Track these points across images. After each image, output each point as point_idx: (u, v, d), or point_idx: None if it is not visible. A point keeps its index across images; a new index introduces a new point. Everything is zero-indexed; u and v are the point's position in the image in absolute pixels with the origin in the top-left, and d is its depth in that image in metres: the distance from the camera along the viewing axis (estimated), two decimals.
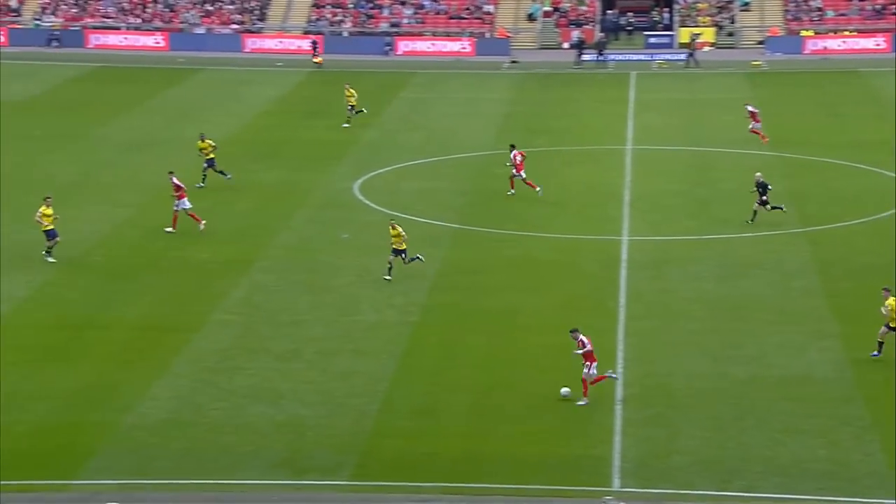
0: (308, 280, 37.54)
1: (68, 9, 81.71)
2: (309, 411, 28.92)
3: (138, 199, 46.02)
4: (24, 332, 33.35)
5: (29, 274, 37.48)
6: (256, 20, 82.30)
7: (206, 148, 46.93)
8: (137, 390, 29.90)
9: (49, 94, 65.81)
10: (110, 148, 54.12)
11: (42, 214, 38.17)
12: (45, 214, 38.17)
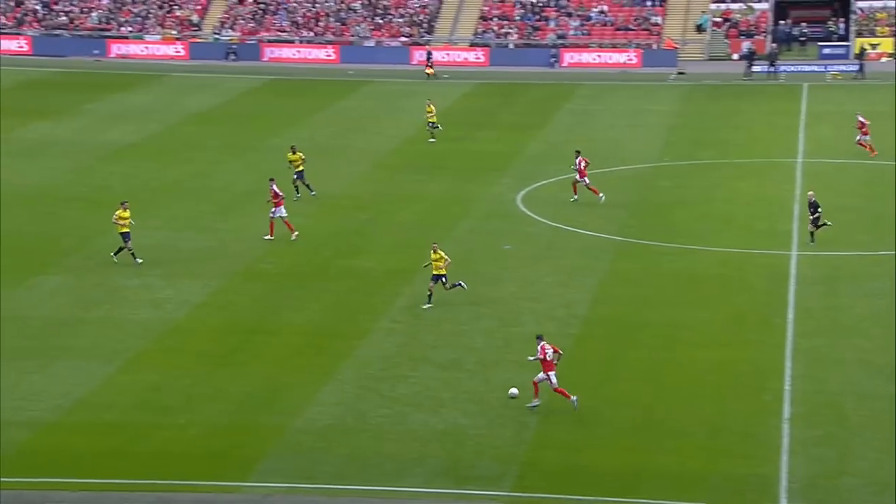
0: (470, 290, 37.52)
1: (245, 23, 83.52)
2: (470, 421, 28.88)
3: (308, 207, 46.68)
4: (198, 336, 34.09)
5: (204, 280, 38.31)
6: (425, 33, 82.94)
7: (297, 160, 47.10)
8: (304, 395, 30.28)
9: (225, 105, 67.32)
10: (282, 158, 55.07)
11: (119, 217, 39.04)
12: (122, 217, 39.03)
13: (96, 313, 35.58)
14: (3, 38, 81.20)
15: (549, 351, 29.23)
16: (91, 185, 49.27)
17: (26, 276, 38.17)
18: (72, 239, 42.22)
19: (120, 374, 31.54)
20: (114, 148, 55.92)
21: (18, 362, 31.85)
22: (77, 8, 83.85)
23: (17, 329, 34.15)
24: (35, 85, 71.32)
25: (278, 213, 41.87)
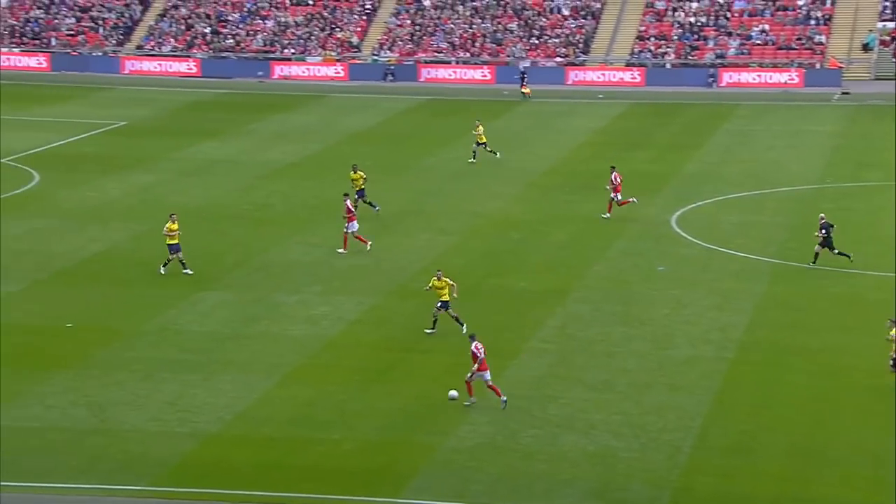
0: (623, 311, 37.22)
1: (403, 44, 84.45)
2: (621, 443, 28.59)
3: (462, 227, 46.89)
4: (352, 353, 34.48)
5: (359, 297, 38.73)
6: (580, 53, 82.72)
7: (358, 179, 47.34)
8: (456, 414, 30.35)
9: (382, 125, 68.11)
10: (437, 177, 55.45)
11: (168, 229, 40.09)
12: (171, 229, 40.08)
13: (256, 329, 36.27)
14: (174, 61, 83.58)
15: (482, 350, 30.41)
16: (253, 203, 50.30)
17: (191, 292, 39.11)
18: (234, 256, 43.14)
19: (277, 388, 32.06)
20: (275, 167, 57.02)
21: (182, 375, 32.63)
22: (243, 31, 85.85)
23: (182, 343, 35.00)
24: (202, 106, 73.19)
25: (351, 227, 42.71)
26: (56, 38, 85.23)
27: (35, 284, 39.75)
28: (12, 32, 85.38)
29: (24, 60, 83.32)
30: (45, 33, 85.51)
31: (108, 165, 56.30)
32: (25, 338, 35.22)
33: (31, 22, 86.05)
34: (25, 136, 62.24)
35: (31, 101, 72.37)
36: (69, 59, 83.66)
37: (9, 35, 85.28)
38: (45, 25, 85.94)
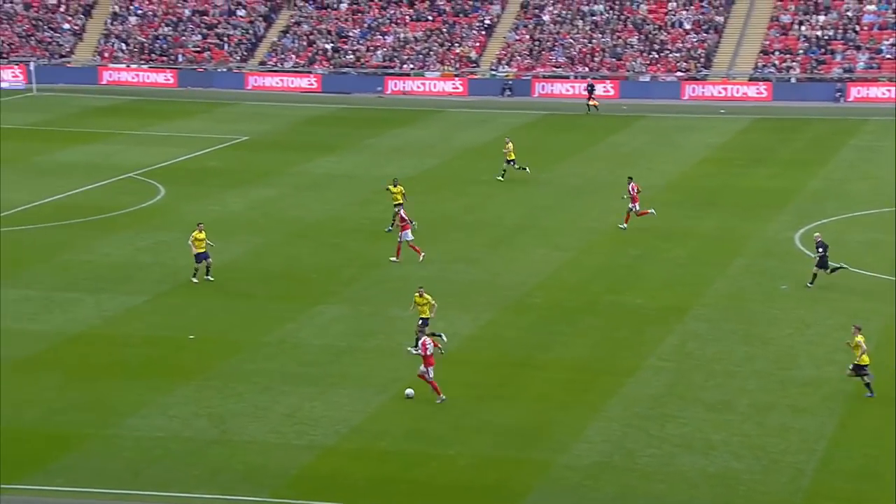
0: (743, 330, 36.60)
1: (522, 59, 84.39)
2: (742, 465, 28.07)
3: (578, 242, 46.61)
4: (467, 368, 34.42)
5: (474, 312, 38.68)
6: (701, 67, 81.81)
7: (397, 194, 47.44)
8: (571, 431, 30.11)
9: (499, 140, 68.00)
10: (553, 192, 55.20)
11: (194, 239, 40.74)
12: (198, 239, 40.72)
13: (372, 343, 36.43)
14: (295, 76, 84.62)
15: (431, 346, 31.48)
16: (371, 217, 50.61)
17: (309, 305, 39.44)
18: (352, 270, 43.42)
19: (393, 402, 32.14)
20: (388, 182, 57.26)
21: (300, 388, 32.90)
22: (363, 47, 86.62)
23: (300, 356, 35.30)
24: (321, 121, 73.95)
25: (405, 237, 43.35)
26: (183, 54, 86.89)
27: (159, 296, 40.44)
28: (142, 49, 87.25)
29: (152, 77, 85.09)
30: (172, 50, 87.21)
31: (230, 179, 57.13)
32: (149, 349, 35.84)
33: (159, 39, 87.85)
34: (152, 150, 63.47)
35: (158, 116, 73.85)
36: (195, 75, 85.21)
37: (138, 52, 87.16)
38: (173, 42, 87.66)
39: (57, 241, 46.16)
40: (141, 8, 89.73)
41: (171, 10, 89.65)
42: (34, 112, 74.22)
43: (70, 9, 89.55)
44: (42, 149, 63.05)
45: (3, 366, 34.05)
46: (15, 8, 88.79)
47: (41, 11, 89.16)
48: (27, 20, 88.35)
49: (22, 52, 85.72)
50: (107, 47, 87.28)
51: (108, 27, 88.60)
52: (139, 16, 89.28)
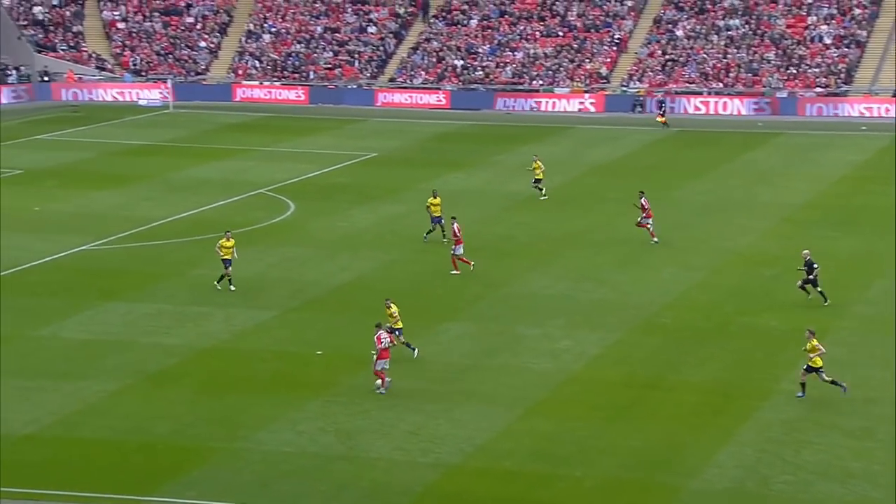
0: (884, 355, 35.55)
1: (654, 75, 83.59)
2: (881, 494, 27.24)
3: (710, 262, 45.85)
4: (594, 388, 34.03)
5: (602, 332, 38.26)
6: (841, 83, 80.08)
7: (437, 206, 47.85)
8: (702, 455, 29.53)
9: (629, 157, 67.47)
10: (684, 210, 54.46)
11: (221, 246, 41.83)
12: (224, 246, 41.80)
13: (497, 361, 36.24)
14: (424, 93, 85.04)
15: (386, 340, 32.84)
16: (496, 234, 50.47)
17: (434, 322, 39.43)
18: (477, 287, 43.30)
19: (519, 421, 31.90)
20: (519, 199, 57.12)
21: (426, 405, 32.86)
22: (493, 63, 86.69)
23: (425, 373, 35.28)
24: (450, 137, 74.15)
25: (457, 250, 43.91)
26: (314, 71, 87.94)
27: (288, 312, 40.81)
28: (274, 66, 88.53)
29: (284, 94, 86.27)
30: (304, 67, 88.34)
31: (359, 196, 57.54)
32: (277, 364, 36.16)
33: (291, 56, 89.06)
34: (283, 166, 64.29)
35: (289, 132, 74.81)
36: (326, 92, 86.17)
37: (271, 69, 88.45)
38: (305, 59, 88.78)
39: (190, 256, 46.94)
40: (275, 26, 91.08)
41: (303, 28, 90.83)
42: (171, 129, 75.80)
43: (207, 27, 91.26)
44: (177, 164, 64.29)
45: (137, 379, 34.64)
46: (154, 27, 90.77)
47: (179, 30, 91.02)
48: (166, 38, 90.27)
49: (160, 70, 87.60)
50: (241, 65, 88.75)
51: (242, 45, 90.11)
52: (273, 33, 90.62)
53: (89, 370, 35.15)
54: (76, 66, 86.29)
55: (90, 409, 32.47)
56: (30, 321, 39.05)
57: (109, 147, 69.71)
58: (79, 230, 48.83)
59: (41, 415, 31.90)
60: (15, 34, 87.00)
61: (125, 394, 33.60)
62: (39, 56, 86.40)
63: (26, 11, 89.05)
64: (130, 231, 50.24)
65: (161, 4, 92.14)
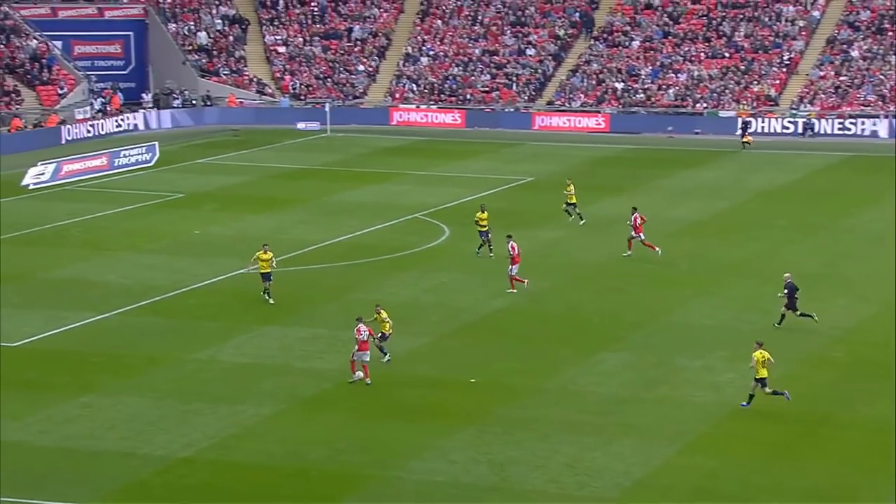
0: None
1: (826, 98, 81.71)
2: None
3: (884, 293, 44.45)
4: (758, 423, 33.20)
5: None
6: None
7: (484, 220, 49.30)
8: (877, 498, 28.56)
9: (797, 182, 66.04)
10: (857, 239, 53.02)
11: (258, 258, 43.39)
12: (262, 259, 43.35)
13: (657, 393, 35.66)
14: (583, 116, 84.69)
15: (365, 333, 35.01)
16: (657, 261, 49.80)
17: (591, 351, 39.02)
18: (635, 315, 42.75)
19: (679, 456, 31.30)
20: (680, 225, 56.33)
21: (581, 437, 32.47)
22: (654, 85, 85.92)
23: (580, 404, 34.87)
24: (608, 161, 73.62)
25: (513, 270, 44.66)
26: (471, 94, 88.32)
27: (441, 338, 40.85)
28: (431, 90, 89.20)
29: (441, 117, 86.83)
30: (461, 90, 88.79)
31: (514, 220, 57.39)
32: (430, 391, 36.18)
33: (449, 79, 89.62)
34: (438, 190, 64.60)
35: (446, 156, 75.19)
36: (482, 115, 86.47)
37: (428, 92, 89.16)
38: (462, 83, 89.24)
39: (346, 281, 47.40)
40: (433, 49, 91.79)
41: (461, 51, 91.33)
42: (328, 152, 76.88)
43: (365, 51, 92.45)
44: (333, 188, 65.14)
45: (292, 403, 35.02)
46: (314, 51, 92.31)
47: (338, 54, 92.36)
48: (325, 62, 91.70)
49: (318, 94, 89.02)
50: (398, 88, 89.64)
51: (400, 68, 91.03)
52: (431, 56, 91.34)
53: (245, 394, 35.67)
54: (237, 90, 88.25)
55: (246, 433, 32.92)
56: (188, 344, 39.85)
57: (267, 171, 71.02)
58: (236, 254, 49.73)
59: (198, 438, 32.45)
60: (180, 59, 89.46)
61: (280, 418, 33.98)
62: (203, 80, 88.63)
63: (191, 37, 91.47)
64: (286, 255, 50.98)
65: (321, 29, 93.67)
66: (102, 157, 68.86)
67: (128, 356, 38.81)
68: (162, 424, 33.24)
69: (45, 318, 42.29)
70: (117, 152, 69.92)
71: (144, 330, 41.46)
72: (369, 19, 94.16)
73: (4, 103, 78.55)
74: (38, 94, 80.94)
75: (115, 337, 40.82)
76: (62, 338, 40.53)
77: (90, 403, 34.67)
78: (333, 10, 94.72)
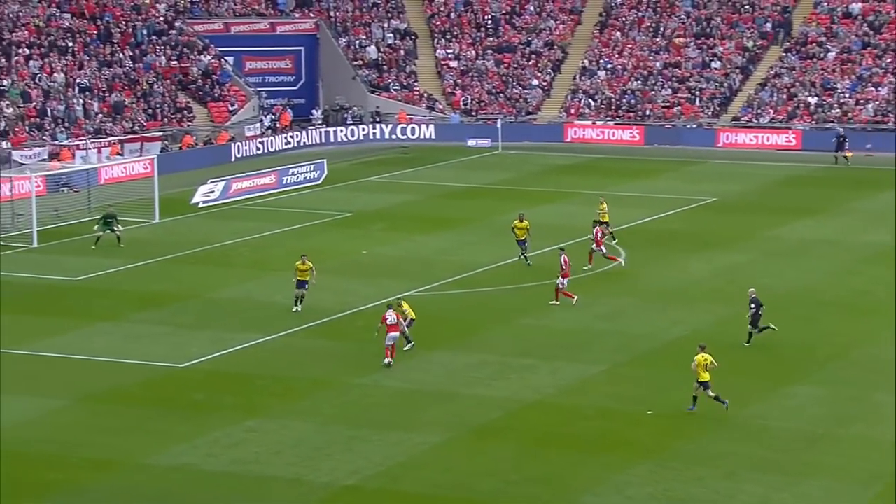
0: None
1: None
2: None
3: None
4: None
5: None
6: None
7: (521, 230, 51.20)
8: None
9: None
10: None
11: (297, 268, 45.56)
12: (299, 269, 45.49)
13: (851, 430, 34.72)
14: (771, 133, 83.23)
15: (392, 317, 39.11)
16: (853, 289, 48.58)
17: (779, 385, 38.22)
18: (828, 347, 41.74)
19: (875, 501, 30.46)
20: (879, 249, 54.87)
21: (767, 476, 31.78)
22: (852, 100, 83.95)
23: (767, 440, 34.15)
24: (800, 181, 72.22)
25: (563, 283, 45.98)
26: (651, 110, 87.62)
27: (616, 367, 40.51)
28: (609, 105, 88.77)
29: (618, 134, 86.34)
30: (640, 105, 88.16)
31: (694, 243, 56.72)
32: (604, 423, 35.86)
33: (627, 94, 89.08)
34: (614, 211, 64.02)
35: (622, 175, 74.70)
36: (662, 131, 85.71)
37: (605, 108, 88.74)
38: (641, 97, 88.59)
39: (516, 304, 47.38)
40: (611, 62, 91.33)
41: (641, 64, 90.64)
42: (498, 170, 77.13)
43: (540, 64, 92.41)
44: (504, 208, 65.17)
45: (459, 432, 35.08)
46: (486, 65, 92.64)
47: (511, 68, 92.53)
48: (497, 77, 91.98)
49: (490, 110, 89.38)
50: (573, 103, 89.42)
51: (576, 82, 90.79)
52: (608, 70, 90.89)
53: (411, 421, 35.89)
54: (407, 106, 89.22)
55: (412, 462, 33.10)
56: (354, 367, 40.28)
57: (436, 189, 71.59)
58: (404, 275, 50.19)
59: (363, 465, 32.74)
60: (350, 74, 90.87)
61: (447, 447, 34.08)
62: (372, 96, 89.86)
63: (361, 51, 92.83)
64: (455, 277, 51.24)
65: (494, 42, 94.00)
66: (271, 175, 70.31)
67: (293, 379, 39.44)
68: (328, 450, 33.65)
69: (212, 338, 43.27)
70: (286, 170, 71.30)
71: (310, 352, 42.09)
72: (545, 31, 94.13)
73: (176, 120, 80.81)
74: (209, 111, 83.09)
75: (281, 359, 41.54)
76: (228, 359, 41.41)
77: (256, 427, 35.31)
78: (507, 21, 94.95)
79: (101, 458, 33.09)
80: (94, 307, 47.28)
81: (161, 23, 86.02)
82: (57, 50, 79.77)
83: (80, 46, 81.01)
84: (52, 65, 78.33)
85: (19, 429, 35.14)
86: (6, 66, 76.55)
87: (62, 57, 79.39)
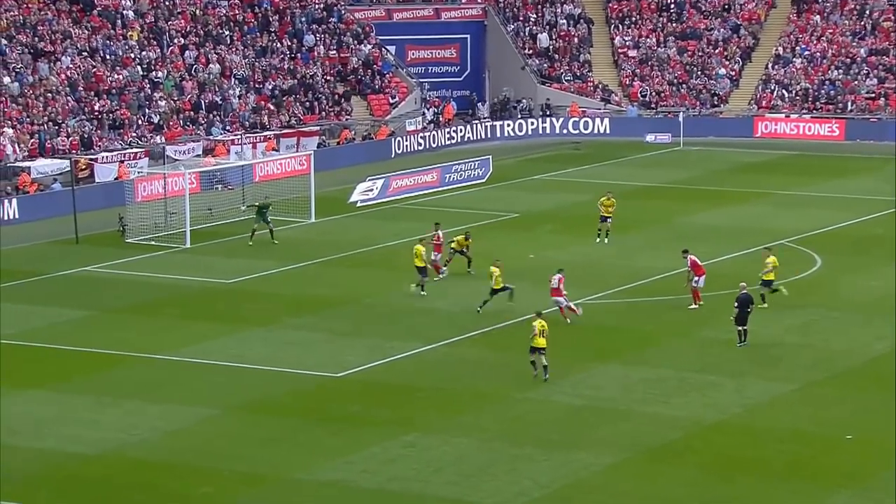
0: None
1: None
2: None
3: None
4: None
5: None
6: None
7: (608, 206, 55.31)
8: None
9: None
10: None
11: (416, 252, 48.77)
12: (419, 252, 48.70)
13: None
14: None
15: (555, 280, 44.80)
16: None
17: None
18: None
19: None
20: None
21: None
22: None
23: None
24: None
25: (700, 282, 46.87)
26: (853, 101, 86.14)
27: (809, 385, 40.09)
28: (805, 96, 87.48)
29: (815, 128, 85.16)
30: (840, 97, 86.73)
31: (891, 249, 55.70)
32: (797, 447, 35.52)
33: (826, 84, 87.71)
34: (809, 213, 63.38)
35: (819, 174, 73.69)
36: (865, 126, 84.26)
37: (801, 100, 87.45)
38: (842, 88, 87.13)
39: (697, 315, 47.15)
40: (808, 48, 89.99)
41: (843, 51, 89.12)
42: (679, 168, 76.73)
43: (728, 51, 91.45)
44: (684, 209, 64.95)
45: (634, 453, 35.09)
46: (668, 52, 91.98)
47: (696, 56, 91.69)
48: (680, 66, 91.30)
49: (670, 103, 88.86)
50: (765, 94, 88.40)
51: (768, 71, 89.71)
52: (805, 58, 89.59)
53: (581, 440, 36.03)
54: (580, 98, 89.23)
55: (581, 485, 33.23)
56: (520, 381, 40.41)
57: (611, 188, 71.37)
58: (575, 281, 50.23)
59: (529, 486, 32.96)
60: (518, 64, 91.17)
61: (621, 469, 34.13)
62: (542, 88, 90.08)
63: (531, 40, 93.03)
64: (629, 284, 51.18)
65: (678, 27, 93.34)
66: (433, 173, 71.05)
67: (454, 392, 39.90)
68: (491, 469, 33.99)
69: (370, 347, 43.99)
70: (448, 167, 71.96)
71: (474, 363, 42.50)
72: (734, 15, 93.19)
73: (334, 113, 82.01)
74: (368, 104, 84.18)
75: (442, 370, 42.04)
76: (387, 369, 42.07)
77: (415, 442, 35.84)
78: (692, 5, 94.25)
79: (252, 472, 33.95)
80: (247, 311, 48.45)
81: (320, 10, 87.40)
82: (212, 39, 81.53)
83: (237, 35, 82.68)
84: (209, 55, 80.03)
85: (170, 438, 36.26)
86: (160, 56, 78.47)
87: (216, 46, 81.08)
